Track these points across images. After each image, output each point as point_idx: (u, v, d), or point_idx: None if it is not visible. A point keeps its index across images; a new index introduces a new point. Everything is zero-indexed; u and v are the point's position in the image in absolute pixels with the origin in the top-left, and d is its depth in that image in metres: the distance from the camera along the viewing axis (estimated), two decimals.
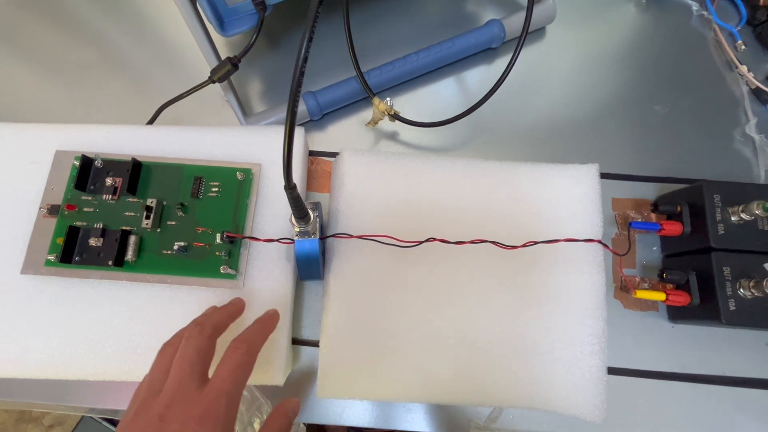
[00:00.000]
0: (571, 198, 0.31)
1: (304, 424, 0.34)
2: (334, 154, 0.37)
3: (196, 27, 0.32)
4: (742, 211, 0.28)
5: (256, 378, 0.28)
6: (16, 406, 0.33)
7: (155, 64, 0.40)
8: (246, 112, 0.36)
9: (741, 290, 0.28)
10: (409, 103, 0.39)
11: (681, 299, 0.29)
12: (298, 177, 0.32)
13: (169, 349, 0.24)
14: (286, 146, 0.19)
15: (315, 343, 0.32)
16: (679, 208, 0.31)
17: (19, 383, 0.31)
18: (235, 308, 0.27)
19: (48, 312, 0.29)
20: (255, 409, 0.31)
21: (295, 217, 0.26)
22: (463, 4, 0.42)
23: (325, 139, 0.38)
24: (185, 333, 0.24)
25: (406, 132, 0.38)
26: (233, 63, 0.31)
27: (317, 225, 0.28)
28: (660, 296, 0.30)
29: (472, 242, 0.29)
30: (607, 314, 0.30)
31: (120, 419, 0.33)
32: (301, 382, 0.32)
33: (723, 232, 0.29)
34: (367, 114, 0.39)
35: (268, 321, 0.26)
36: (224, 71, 0.31)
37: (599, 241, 0.29)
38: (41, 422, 0.90)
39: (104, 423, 0.80)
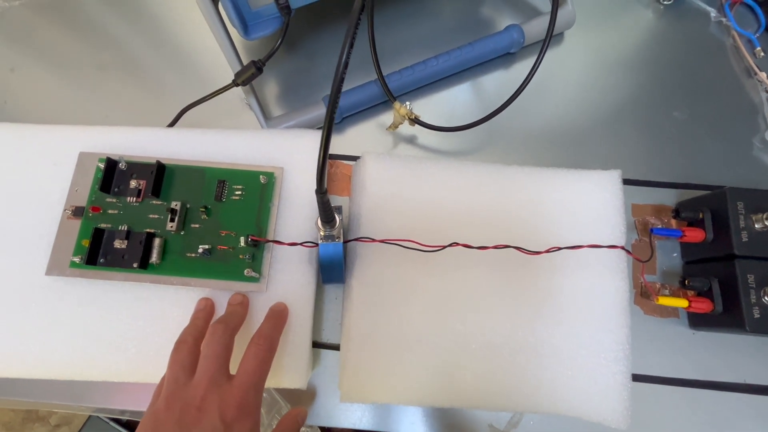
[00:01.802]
0: (594, 204, 0.31)
1: (320, 427, 0.34)
2: (352, 158, 0.37)
3: (219, 31, 0.32)
4: (767, 219, 0.28)
5: (279, 381, 0.29)
6: (23, 405, 0.33)
7: (173, 67, 0.40)
8: (266, 115, 0.36)
9: (765, 298, 0.27)
10: (426, 107, 0.39)
11: (704, 306, 0.29)
12: None
13: (184, 346, 0.25)
14: (322, 152, 0.19)
15: (335, 347, 0.32)
16: (701, 215, 0.31)
17: (27, 382, 0.31)
18: (245, 309, 0.29)
19: (72, 313, 0.29)
20: (275, 411, 0.32)
21: (321, 220, 0.26)
22: (479, 9, 0.42)
23: (344, 142, 0.38)
24: (211, 329, 0.25)
25: (424, 136, 0.38)
26: (257, 66, 0.31)
27: (341, 229, 0.28)
28: (683, 303, 0.30)
29: (495, 247, 0.29)
30: None
31: (128, 419, 0.33)
32: (320, 385, 0.32)
33: (747, 239, 0.29)
34: (385, 117, 0.39)
35: (281, 316, 0.28)
36: (248, 75, 0.31)
37: (622, 248, 0.29)
38: (48, 421, 0.90)
39: (111, 423, 0.80)
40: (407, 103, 0.34)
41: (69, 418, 0.89)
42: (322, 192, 0.22)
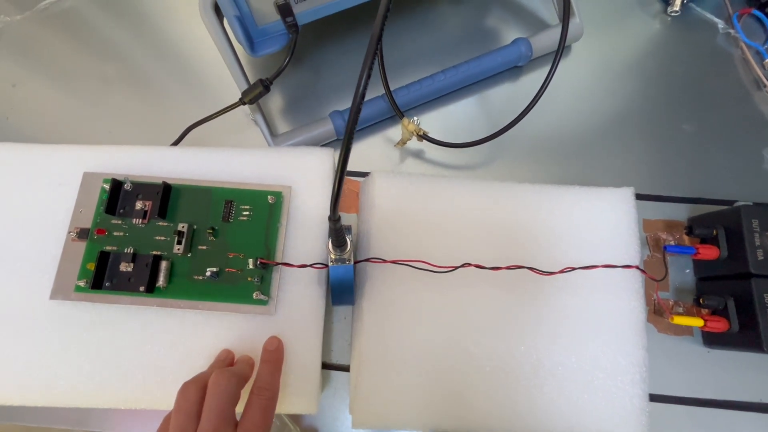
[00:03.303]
0: (606, 222, 0.31)
1: None
2: (359, 174, 0.36)
3: (225, 48, 0.32)
4: None
5: (289, 406, 0.28)
6: (22, 431, 0.32)
7: (178, 82, 0.40)
8: (272, 132, 0.36)
9: None
10: (433, 121, 0.38)
11: (719, 326, 0.29)
12: (328, 198, 0.32)
13: (191, 391, 0.24)
14: (337, 183, 0.19)
15: (344, 368, 0.32)
16: (714, 232, 0.31)
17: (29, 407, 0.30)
18: (254, 364, 0.28)
19: (77, 338, 0.28)
20: None
21: (333, 245, 0.26)
22: (485, 22, 0.42)
23: (352, 157, 0.36)
24: (215, 378, 0.24)
25: (432, 150, 0.37)
26: (265, 85, 0.31)
27: (352, 251, 0.27)
28: (698, 322, 0.29)
29: (508, 268, 0.28)
30: None
31: None
32: (329, 407, 0.31)
33: (762, 257, 0.28)
34: (392, 132, 0.38)
35: (277, 356, 0.27)
36: (255, 93, 0.31)
37: (637, 267, 0.29)
38: None
39: None
40: (415, 118, 0.34)
41: None
42: (335, 220, 0.21)
